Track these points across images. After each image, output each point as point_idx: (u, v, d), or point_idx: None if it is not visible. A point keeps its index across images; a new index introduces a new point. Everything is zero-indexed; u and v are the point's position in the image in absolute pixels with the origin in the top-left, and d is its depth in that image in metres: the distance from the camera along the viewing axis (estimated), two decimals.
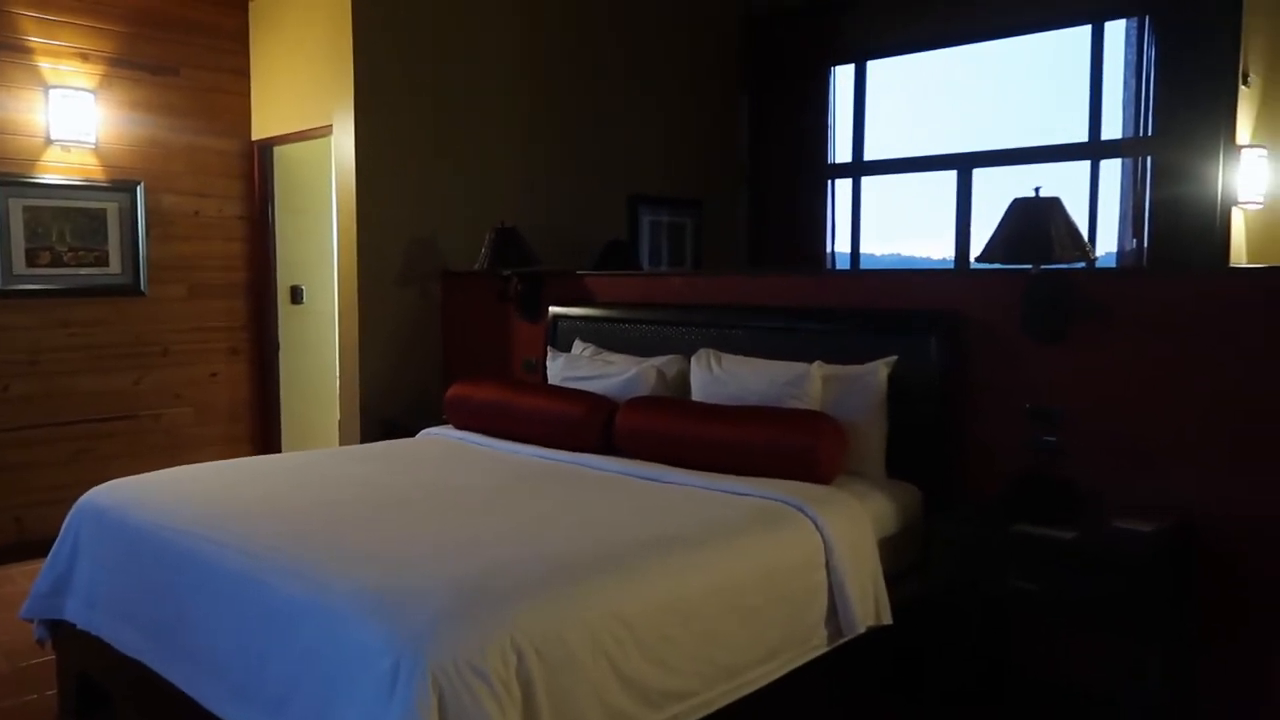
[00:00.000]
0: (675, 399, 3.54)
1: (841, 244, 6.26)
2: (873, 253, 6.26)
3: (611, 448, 3.43)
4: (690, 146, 6.22)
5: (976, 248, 2.89)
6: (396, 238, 4.78)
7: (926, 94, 6.17)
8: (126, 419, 5.03)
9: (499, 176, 5.13)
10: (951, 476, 3.14)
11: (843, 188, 6.25)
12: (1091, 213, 5.15)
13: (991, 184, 5.55)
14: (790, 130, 6.32)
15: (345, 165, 4.68)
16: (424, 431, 3.99)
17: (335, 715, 1.89)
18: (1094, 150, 5.18)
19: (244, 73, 5.41)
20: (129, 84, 4.96)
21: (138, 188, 4.97)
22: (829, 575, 2.63)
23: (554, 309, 4.41)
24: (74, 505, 2.97)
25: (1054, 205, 2.81)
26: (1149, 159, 4.91)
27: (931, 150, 5.88)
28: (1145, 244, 4.91)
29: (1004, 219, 2.87)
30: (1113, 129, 5.11)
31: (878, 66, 6.14)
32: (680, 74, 6.11)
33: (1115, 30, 5.08)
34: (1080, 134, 5.22)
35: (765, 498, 2.80)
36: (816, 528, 2.66)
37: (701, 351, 3.60)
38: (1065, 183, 5.25)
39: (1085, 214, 5.13)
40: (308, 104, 5.01)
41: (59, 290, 4.75)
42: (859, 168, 6.18)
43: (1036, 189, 2.85)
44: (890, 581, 2.81)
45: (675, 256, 6.20)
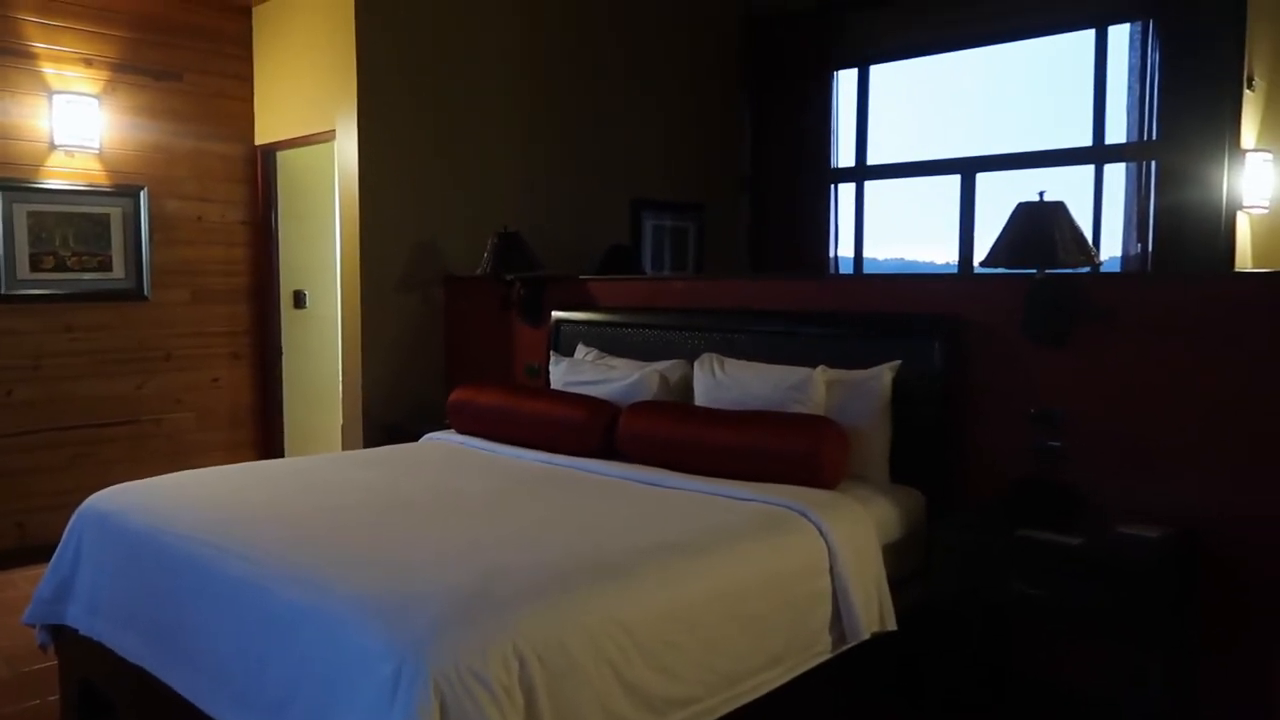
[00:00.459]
0: (678, 403, 3.53)
1: (844, 249, 6.25)
2: (876, 257, 6.25)
3: (614, 452, 3.42)
4: (692, 149, 6.21)
5: (980, 252, 2.89)
6: (399, 242, 4.78)
7: (930, 98, 6.17)
8: (129, 424, 5.03)
9: (501, 181, 5.14)
10: (955, 481, 3.12)
11: (846, 192, 6.24)
12: (1095, 217, 5.14)
13: (995, 189, 5.54)
14: (792, 134, 6.30)
15: (348, 170, 4.69)
16: (426, 436, 3.98)
17: None
18: (1098, 155, 5.17)
19: (247, 78, 5.42)
20: (133, 89, 4.97)
21: (141, 193, 4.98)
22: (833, 581, 2.62)
23: (556, 314, 4.41)
24: (76, 510, 2.97)
25: (1058, 210, 2.80)
26: (1153, 163, 4.90)
27: (935, 155, 5.87)
28: (1150, 248, 4.89)
29: (1008, 224, 2.86)
30: (1117, 133, 5.10)
31: (881, 70, 6.13)
32: (681, 76, 6.11)
33: (1119, 34, 5.07)
34: (1084, 139, 5.21)
35: (768, 503, 2.79)
36: (820, 533, 2.65)
37: (704, 356, 3.59)
38: (1069, 187, 5.24)
39: (1089, 219, 5.12)
40: (311, 109, 5.01)
41: (62, 295, 4.76)
42: (862, 172, 6.17)
43: (1040, 193, 2.84)
44: (894, 587, 2.80)
45: (678, 261, 6.19)
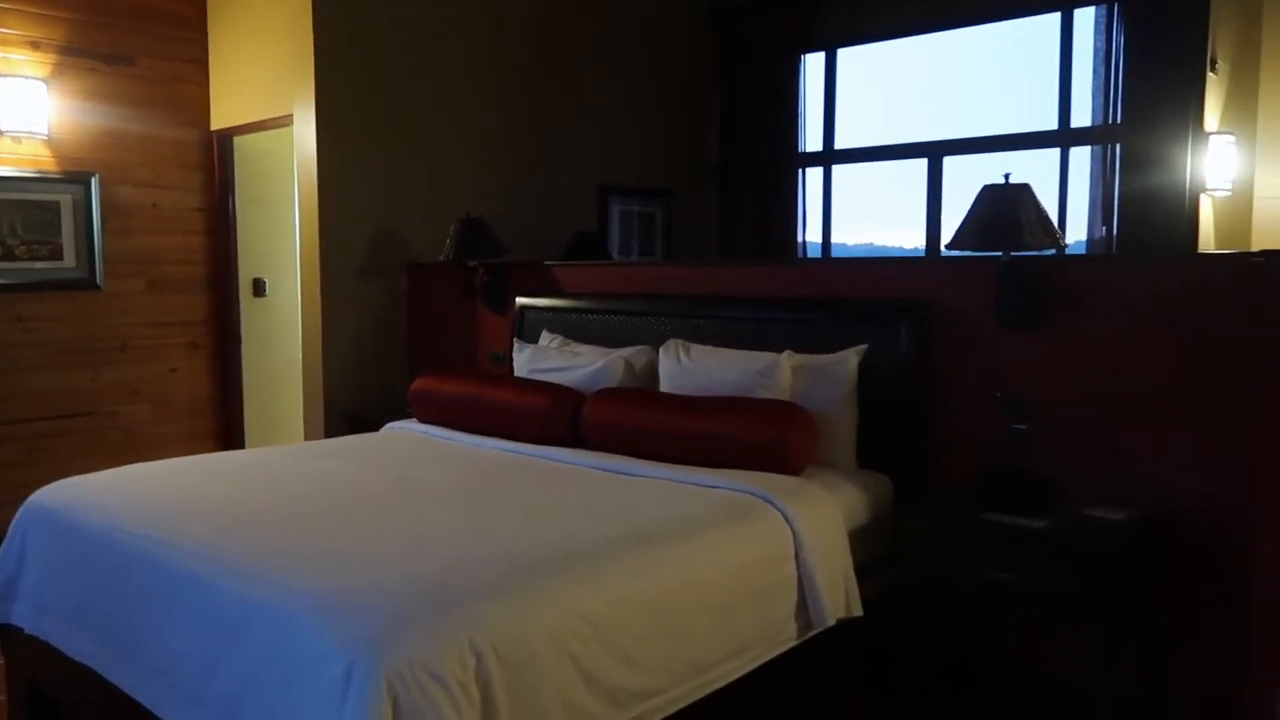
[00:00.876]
0: (643, 390, 3.49)
1: (813, 233, 6.23)
2: (844, 242, 6.23)
3: (579, 440, 3.37)
4: (659, 135, 6.15)
5: (947, 236, 2.86)
6: (360, 229, 4.69)
7: (897, 82, 6.14)
8: (84, 416, 4.91)
9: (464, 167, 5.06)
10: (923, 466, 3.11)
11: (814, 177, 6.21)
12: (1061, 200, 5.15)
13: (962, 172, 5.54)
14: (760, 119, 6.26)
15: (307, 156, 4.59)
16: (388, 425, 3.91)
17: None
18: (1063, 138, 5.18)
19: (202, 62, 5.27)
20: (82, 73, 4.82)
21: (92, 179, 4.84)
22: (799, 568, 2.60)
23: (521, 300, 4.35)
24: (22, 505, 2.87)
25: (1024, 192, 2.78)
26: (1118, 146, 4.92)
27: (902, 138, 5.85)
28: (1115, 231, 4.92)
29: (974, 206, 2.84)
30: (1082, 116, 5.11)
31: (848, 54, 6.10)
32: (648, 60, 6.04)
33: (1085, 18, 5.07)
34: (1050, 121, 5.21)
35: (734, 490, 2.76)
36: (786, 520, 2.63)
37: (670, 342, 3.55)
38: (1035, 170, 5.24)
39: (1055, 201, 5.13)
40: (268, 93, 4.89)
41: (11, 285, 4.62)
42: (830, 156, 6.14)
43: (1006, 176, 2.82)
44: (861, 573, 2.78)
45: (645, 247, 6.14)
